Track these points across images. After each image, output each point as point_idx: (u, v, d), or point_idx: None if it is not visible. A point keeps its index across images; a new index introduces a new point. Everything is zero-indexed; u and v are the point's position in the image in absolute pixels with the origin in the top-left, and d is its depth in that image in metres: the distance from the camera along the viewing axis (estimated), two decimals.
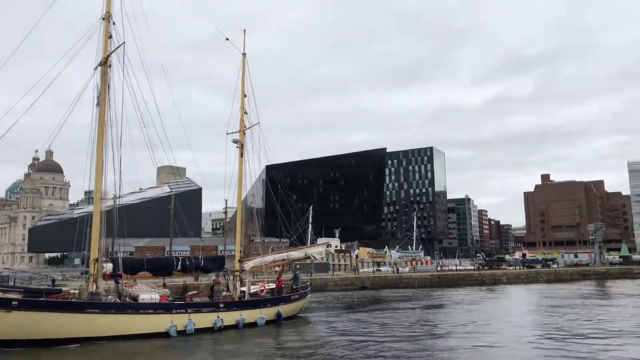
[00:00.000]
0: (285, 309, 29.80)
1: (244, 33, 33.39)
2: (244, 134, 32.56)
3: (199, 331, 25.12)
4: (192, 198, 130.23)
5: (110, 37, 26.22)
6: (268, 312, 28.52)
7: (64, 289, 27.92)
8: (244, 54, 32.49)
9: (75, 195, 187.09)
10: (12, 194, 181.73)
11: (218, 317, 26.16)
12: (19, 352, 20.73)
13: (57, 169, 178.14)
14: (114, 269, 25.80)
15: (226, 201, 75.87)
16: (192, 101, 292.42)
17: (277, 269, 36.23)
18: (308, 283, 35.33)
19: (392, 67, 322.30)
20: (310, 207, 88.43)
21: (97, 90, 25.59)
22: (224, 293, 28.79)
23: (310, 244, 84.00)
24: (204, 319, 25.79)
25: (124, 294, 25.13)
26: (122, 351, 21.33)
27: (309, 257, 35.70)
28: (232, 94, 32.61)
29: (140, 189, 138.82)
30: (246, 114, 32.70)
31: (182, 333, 24.67)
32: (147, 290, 26.26)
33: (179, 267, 28.36)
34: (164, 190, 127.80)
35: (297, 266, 45.10)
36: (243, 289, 29.71)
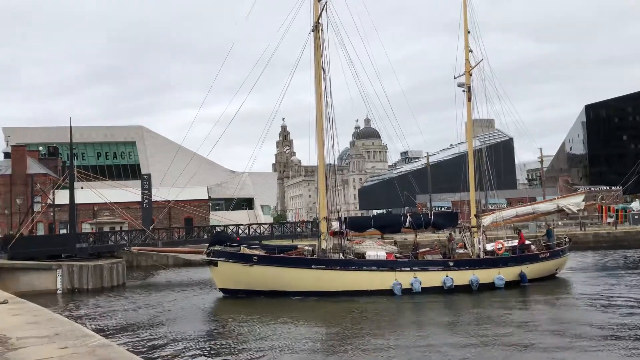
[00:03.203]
0: (532, 269, 26.39)
1: None
2: (470, 75, 29.58)
3: (427, 290, 24.00)
4: (503, 149, 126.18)
5: (319, 0, 26.87)
6: (508, 272, 25.67)
7: (299, 245, 29.49)
8: None
9: (393, 156, 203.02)
10: (342, 160, 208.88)
11: (447, 275, 24.66)
12: (258, 300, 23.61)
13: (375, 135, 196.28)
14: (340, 227, 26.46)
15: (541, 149, 71.00)
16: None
17: (530, 223, 31.93)
18: (566, 239, 30.06)
19: None
20: None
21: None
22: (460, 251, 26.80)
23: None
24: (432, 278, 24.60)
25: (347, 251, 25.70)
26: (342, 306, 22.07)
27: (562, 210, 30.32)
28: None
29: (451, 145, 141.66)
30: (471, 52, 29.52)
31: (408, 291, 23.97)
32: (374, 248, 26.14)
33: (407, 224, 27.42)
34: (474, 144, 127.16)
35: (545, 220, 37.91)
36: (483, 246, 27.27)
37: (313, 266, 24.73)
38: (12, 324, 9.70)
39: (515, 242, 28.55)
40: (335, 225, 26.93)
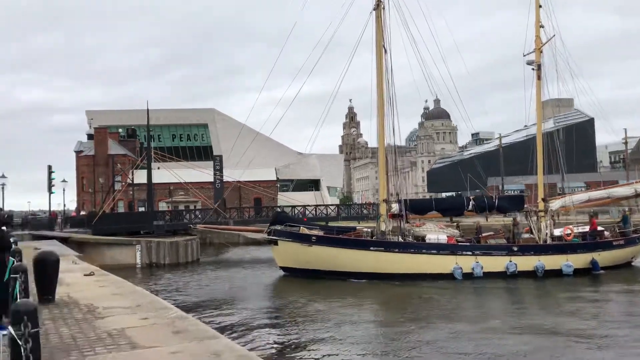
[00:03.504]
0: (604, 256, 25.01)
1: None
2: (540, 52, 27.84)
3: (489, 275, 23.36)
4: (582, 130, 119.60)
5: None
6: (577, 259, 24.54)
7: (357, 227, 29.21)
8: None
9: (462, 138, 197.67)
10: (410, 142, 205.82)
11: (510, 261, 23.91)
12: (320, 280, 23.82)
13: (444, 115, 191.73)
14: (399, 210, 26.01)
15: (625, 130, 66.88)
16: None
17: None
18: None
19: None
20: None
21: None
22: (526, 235, 25.80)
23: None
24: (494, 262, 23.94)
25: (406, 234, 25.34)
26: (405, 290, 21.90)
27: None
28: None
29: (525, 126, 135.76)
30: (542, 27, 27.69)
31: (469, 276, 23.43)
32: (435, 231, 25.66)
33: (470, 207, 26.61)
34: (550, 125, 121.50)
35: (628, 204, 35.45)
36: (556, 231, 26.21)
37: (371, 248, 24.75)
38: (99, 294, 10.49)
39: (587, 228, 27.35)
40: (395, 207, 26.70)
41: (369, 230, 27.00)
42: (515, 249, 24.85)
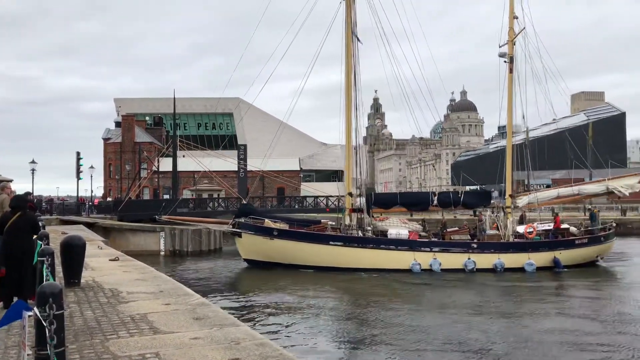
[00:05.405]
0: (567, 255, 24.61)
1: None
2: (513, 44, 27.14)
3: (448, 272, 23.39)
4: (613, 125, 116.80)
5: None
6: (539, 258, 24.17)
7: (322, 220, 28.94)
8: None
9: (489, 130, 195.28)
10: (435, 134, 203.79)
11: (469, 258, 23.80)
12: (277, 272, 23.82)
13: (471, 107, 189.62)
14: (359, 204, 25.92)
15: None
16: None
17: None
18: (612, 224, 27.54)
19: None
20: None
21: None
22: (492, 232, 25.47)
23: None
24: (452, 259, 23.95)
25: (367, 228, 25.28)
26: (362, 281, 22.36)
27: (611, 192, 27.71)
28: None
29: (554, 119, 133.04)
30: (516, 19, 27.03)
31: (428, 272, 23.61)
32: (397, 226, 25.38)
33: (435, 202, 26.42)
34: (580, 118, 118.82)
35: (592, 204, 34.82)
36: (519, 229, 25.93)
37: (330, 242, 24.68)
38: (123, 279, 10.66)
39: (552, 226, 26.81)
40: (359, 201, 26.63)
41: (333, 223, 26.98)
42: (475, 246, 24.68)
